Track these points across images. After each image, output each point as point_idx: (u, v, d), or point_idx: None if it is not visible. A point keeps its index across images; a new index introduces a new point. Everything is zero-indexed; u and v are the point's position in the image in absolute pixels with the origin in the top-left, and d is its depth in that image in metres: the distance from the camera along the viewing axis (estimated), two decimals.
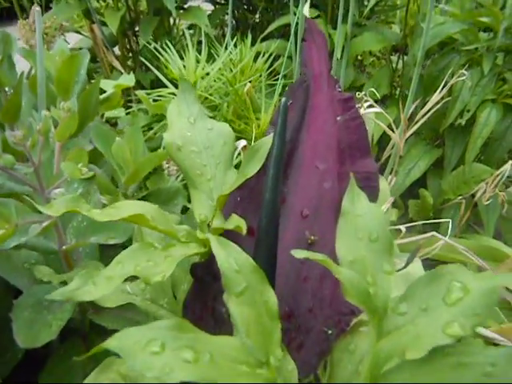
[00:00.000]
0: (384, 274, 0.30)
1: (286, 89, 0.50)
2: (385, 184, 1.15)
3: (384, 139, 1.35)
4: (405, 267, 0.92)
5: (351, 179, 0.36)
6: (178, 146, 0.52)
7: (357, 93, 0.87)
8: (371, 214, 0.33)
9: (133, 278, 0.55)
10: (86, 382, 0.49)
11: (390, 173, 1.20)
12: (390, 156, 1.23)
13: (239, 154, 0.85)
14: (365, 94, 0.89)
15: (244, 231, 0.38)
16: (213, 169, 0.52)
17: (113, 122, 1.22)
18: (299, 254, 0.31)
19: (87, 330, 0.68)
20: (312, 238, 0.46)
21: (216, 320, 0.46)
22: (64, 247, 0.55)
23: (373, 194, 0.46)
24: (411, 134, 1.22)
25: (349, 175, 0.47)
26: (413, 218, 1.33)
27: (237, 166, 0.53)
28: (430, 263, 0.95)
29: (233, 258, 0.30)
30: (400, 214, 1.37)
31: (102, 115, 1.13)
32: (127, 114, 1.10)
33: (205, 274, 0.45)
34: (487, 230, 1.23)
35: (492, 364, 0.27)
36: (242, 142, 0.86)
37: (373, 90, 0.96)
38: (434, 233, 0.85)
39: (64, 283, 0.55)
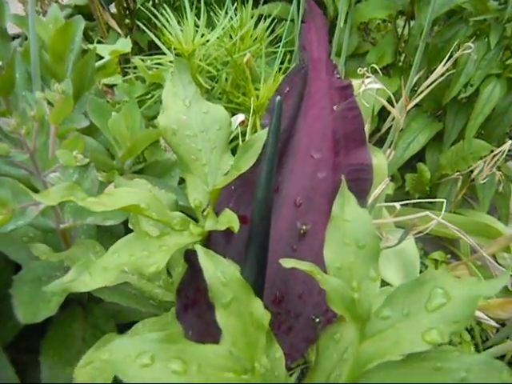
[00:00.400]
0: (369, 281, 0.30)
1: (283, 77, 0.49)
2: (383, 159, 1.15)
3: (385, 110, 1.34)
4: (397, 244, 0.94)
5: (342, 182, 0.36)
6: (174, 130, 0.52)
7: (358, 69, 0.85)
8: (360, 219, 0.33)
9: None
10: (84, 358, 0.51)
11: (389, 146, 1.19)
12: (390, 127, 1.22)
13: (237, 128, 0.84)
14: (366, 70, 0.87)
15: (236, 229, 0.38)
16: (208, 154, 0.52)
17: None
18: (287, 263, 0.32)
19: (86, 300, 0.70)
20: (304, 227, 0.47)
21: (209, 304, 0.47)
22: (62, 226, 0.56)
23: (365, 187, 0.47)
24: (413, 107, 1.20)
25: (343, 166, 0.47)
26: (409, 191, 1.34)
27: (234, 150, 0.53)
28: (425, 238, 0.97)
29: (220, 271, 0.30)
30: (396, 187, 1.38)
31: (99, 81, 1.11)
32: (124, 81, 1.08)
33: (198, 260, 0.46)
34: (482, 206, 1.24)
35: (467, 370, 0.28)
36: (240, 117, 0.85)
37: (375, 66, 0.94)
38: (428, 212, 0.86)
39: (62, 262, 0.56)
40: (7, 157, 0.39)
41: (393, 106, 1.10)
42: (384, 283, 1.21)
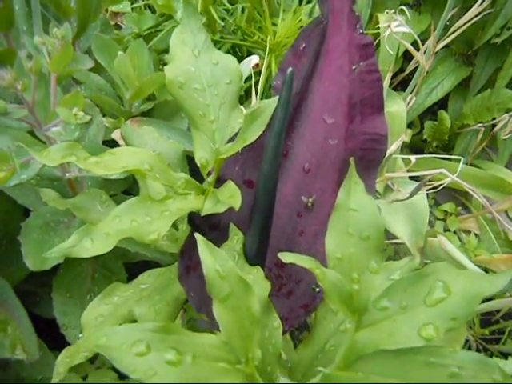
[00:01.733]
0: (370, 273, 0.30)
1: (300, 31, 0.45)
2: (402, 106, 1.10)
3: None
4: (408, 198, 0.92)
5: (351, 167, 0.34)
6: (180, 83, 0.49)
7: (385, 10, 0.78)
8: (366, 209, 0.31)
9: None
10: (90, 306, 0.53)
11: (412, 91, 1.13)
12: (415, 69, 1.15)
13: (251, 73, 0.80)
14: (394, 12, 0.80)
15: (237, 208, 0.37)
16: (216, 109, 0.50)
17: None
18: (286, 257, 0.31)
19: None
20: (310, 200, 0.46)
21: None
22: (68, 175, 0.56)
23: (378, 157, 0.45)
24: (441, 48, 1.12)
25: (356, 134, 0.45)
26: (427, 139, 1.30)
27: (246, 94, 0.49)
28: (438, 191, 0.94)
29: (219, 265, 0.30)
30: (414, 133, 1.33)
31: (106, 10, 1.05)
32: (133, 9, 1.02)
33: (202, 223, 0.46)
34: (501, 159, 1.20)
35: (459, 367, 0.28)
36: (254, 59, 0.80)
37: (403, 7, 0.86)
38: (443, 170, 0.83)
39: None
40: (5, 114, 0.38)
41: (419, 49, 1.03)
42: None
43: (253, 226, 0.42)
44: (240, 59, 0.99)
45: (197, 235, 0.30)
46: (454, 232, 1.18)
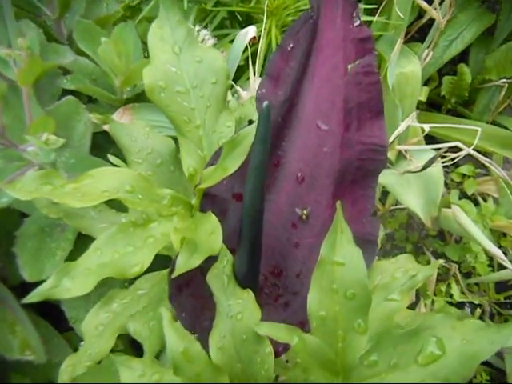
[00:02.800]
0: (356, 333, 0.27)
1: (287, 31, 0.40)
2: (417, 65, 1.01)
3: None
4: (421, 170, 0.88)
5: (338, 209, 0.31)
6: (161, 87, 0.45)
7: None
8: (352, 263, 0.28)
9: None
10: (90, 313, 0.53)
11: (428, 47, 1.04)
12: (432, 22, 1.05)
13: (247, 46, 0.73)
14: None
15: (215, 253, 0.34)
16: (202, 113, 0.46)
17: None
18: (260, 328, 0.29)
19: None
20: (305, 212, 0.43)
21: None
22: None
23: (377, 167, 0.41)
24: None
25: (353, 143, 0.41)
26: (445, 95, 1.21)
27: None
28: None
29: (184, 347, 0.28)
30: (431, 89, 1.25)
31: None
32: None
33: None
34: None
35: None
36: (251, 31, 0.74)
37: None
38: (459, 143, 0.78)
39: None
40: None
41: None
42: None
43: (241, 249, 0.40)
44: (240, 27, 0.92)
45: (164, 316, 0.28)
46: (472, 195, 1.13)
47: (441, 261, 0.69)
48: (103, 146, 0.74)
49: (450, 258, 1.05)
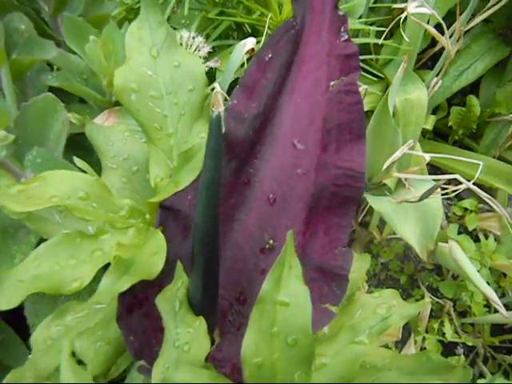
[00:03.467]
0: None
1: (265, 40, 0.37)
2: (423, 92, 0.98)
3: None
4: (419, 201, 0.84)
5: (288, 238, 0.27)
6: (133, 90, 0.42)
7: None
8: (298, 304, 0.25)
9: None
10: (41, 325, 0.50)
11: (437, 74, 1.01)
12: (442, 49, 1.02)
13: (247, 56, 0.71)
14: None
15: (152, 277, 0.31)
16: (175, 121, 0.43)
17: None
18: (177, 377, 0.25)
19: None
20: (271, 242, 0.39)
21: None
22: (22, 180, 0.51)
23: (354, 195, 0.37)
24: (477, 24, 0.99)
25: (329, 166, 0.37)
26: (453, 126, 1.17)
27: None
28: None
29: None
30: (439, 118, 1.21)
31: None
32: None
33: None
34: None
35: None
36: (250, 42, 0.71)
37: None
38: (458, 176, 0.74)
39: None
40: None
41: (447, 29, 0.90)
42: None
43: (194, 273, 0.36)
44: (244, 37, 0.90)
45: (65, 344, 0.25)
46: (473, 231, 1.09)
47: (428, 300, 0.65)
48: (89, 148, 0.71)
49: (444, 294, 1.00)
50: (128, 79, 0.42)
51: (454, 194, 0.78)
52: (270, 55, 0.36)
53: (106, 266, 0.38)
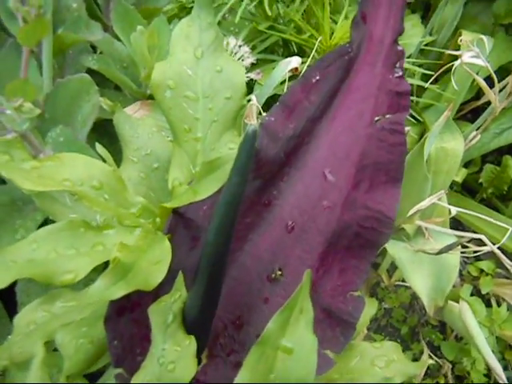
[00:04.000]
0: None
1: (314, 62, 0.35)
2: (459, 143, 0.95)
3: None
4: (437, 254, 0.81)
5: (305, 278, 0.24)
6: (169, 86, 0.41)
7: (459, 38, 0.64)
8: (302, 354, 0.22)
9: None
10: (27, 308, 0.48)
11: (478, 129, 0.98)
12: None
13: (289, 75, 0.69)
14: (472, 42, 0.66)
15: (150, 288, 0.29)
16: (206, 126, 0.41)
17: None
18: None
19: None
20: (278, 273, 0.37)
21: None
22: (41, 156, 0.50)
23: (378, 241, 0.35)
24: None
25: (358, 205, 0.35)
26: (483, 183, 1.14)
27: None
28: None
29: None
30: (470, 173, 1.17)
31: None
32: None
33: None
34: None
35: None
36: (294, 61, 0.69)
37: (483, 37, 0.72)
38: (484, 237, 0.70)
39: None
40: None
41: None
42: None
43: (194, 290, 0.34)
44: (289, 56, 0.89)
45: (39, 347, 0.23)
46: (486, 295, 1.04)
47: (431, 361, 0.62)
48: (114, 136, 0.70)
49: (445, 355, 0.96)
50: (166, 75, 0.40)
51: (476, 254, 0.75)
52: (317, 77, 0.35)
53: (107, 264, 0.36)
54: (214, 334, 0.43)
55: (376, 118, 0.34)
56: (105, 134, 0.72)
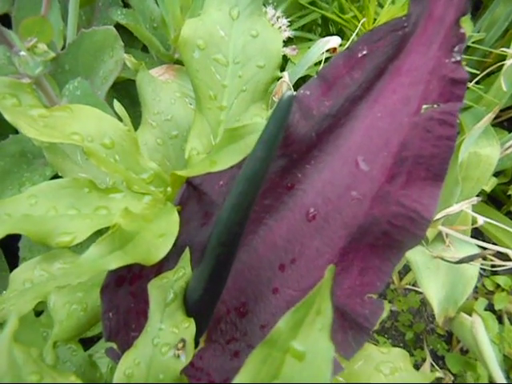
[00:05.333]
0: None
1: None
2: (495, 151, 0.90)
3: None
4: (456, 263, 0.77)
5: (326, 276, 0.21)
6: (198, 46, 0.37)
7: None
8: (315, 361, 0.18)
9: None
10: (25, 264, 0.46)
11: None
12: None
13: (326, 56, 0.65)
14: None
15: (150, 263, 0.26)
16: (232, 95, 0.38)
17: None
18: None
19: None
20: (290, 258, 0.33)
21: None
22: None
23: (406, 242, 0.31)
24: None
25: (391, 200, 0.31)
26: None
27: None
28: None
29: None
30: (499, 183, 1.12)
31: None
32: None
33: None
34: None
35: None
36: (334, 40, 0.65)
37: None
38: (509, 251, 0.66)
39: None
40: None
41: None
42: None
43: (199, 272, 0.31)
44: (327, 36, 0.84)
45: (11, 319, 0.20)
46: (499, 311, 1.00)
47: (438, 374, 0.58)
48: (135, 98, 0.68)
49: (449, 367, 0.92)
50: (197, 33, 0.37)
51: (497, 269, 0.71)
52: (364, 52, 0.31)
53: None
54: (216, 317, 0.40)
55: (424, 106, 0.30)
56: (126, 95, 0.69)
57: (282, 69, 0.84)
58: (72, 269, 0.42)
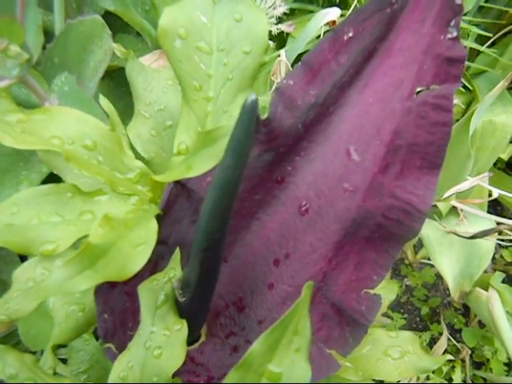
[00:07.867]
0: None
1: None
2: (510, 120, 0.86)
3: None
4: (470, 238, 0.75)
5: (304, 292, 0.20)
6: (180, 35, 0.35)
7: None
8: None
9: None
10: (28, 263, 0.46)
11: None
12: None
13: (326, 29, 0.62)
14: None
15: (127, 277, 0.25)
16: (219, 84, 0.36)
17: None
18: None
19: None
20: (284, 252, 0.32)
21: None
22: (46, 104, 0.46)
23: (402, 235, 0.30)
24: None
25: (384, 192, 0.30)
26: None
27: None
28: None
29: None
30: None
31: None
32: None
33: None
34: None
35: None
36: (333, 12, 0.62)
37: None
38: None
39: None
40: None
41: None
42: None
43: (188, 271, 0.30)
44: (330, 7, 0.80)
45: None
46: None
47: (449, 356, 0.58)
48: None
49: (466, 341, 0.92)
50: (177, 22, 0.35)
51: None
52: (350, 34, 0.28)
53: None
54: (215, 311, 0.40)
55: (418, 90, 0.28)
56: (123, 83, 0.67)
57: (283, 45, 0.80)
58: (40, 288, 0.42)
